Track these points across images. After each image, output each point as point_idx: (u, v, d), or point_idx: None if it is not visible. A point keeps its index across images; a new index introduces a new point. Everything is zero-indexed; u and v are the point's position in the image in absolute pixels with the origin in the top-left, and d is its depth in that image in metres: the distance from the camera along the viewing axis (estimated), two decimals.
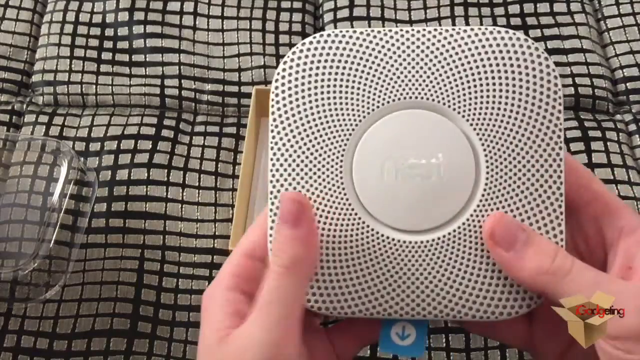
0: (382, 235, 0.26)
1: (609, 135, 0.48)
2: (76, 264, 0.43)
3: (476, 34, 0.27)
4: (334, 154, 0.27)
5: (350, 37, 0.27)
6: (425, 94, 0.27)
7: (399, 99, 0.27)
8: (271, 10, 0.54)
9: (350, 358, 0.29)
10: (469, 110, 0.26)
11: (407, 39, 0.27)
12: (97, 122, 0.49)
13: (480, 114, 0.26)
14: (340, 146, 0.27)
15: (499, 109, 0.26)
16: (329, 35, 0.27)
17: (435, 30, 0.27)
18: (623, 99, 0.51)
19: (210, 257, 0.44)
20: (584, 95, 0.50)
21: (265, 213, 0.27)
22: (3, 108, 0.50)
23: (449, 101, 0.26)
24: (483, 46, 0.27)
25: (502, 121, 0.26)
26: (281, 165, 0.27)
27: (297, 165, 0.27)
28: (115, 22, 0.53)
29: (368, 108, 0.27)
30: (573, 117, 0.49)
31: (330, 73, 0.27)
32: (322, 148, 0.27)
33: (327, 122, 0.27)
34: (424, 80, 0.27)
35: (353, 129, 0.27)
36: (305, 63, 0.27)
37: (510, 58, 0.26)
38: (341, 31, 0.27)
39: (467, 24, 0.53)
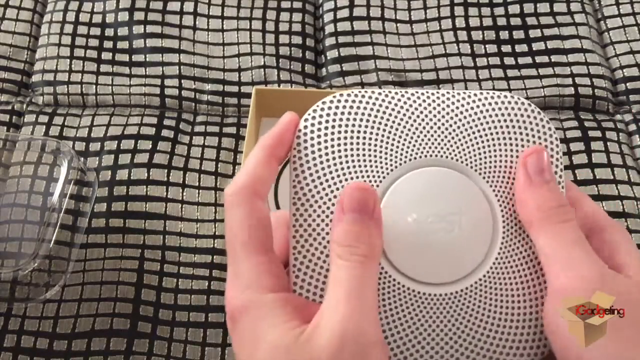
0: (404, 287, 0.27)
1: (609, 135, 0.48)
2: (76, 264, 0.43)
3: (486, 98, 0.29)
4: None
5: (370, 97, 0.28)
6: (444, 152, 0.28)
7: (420, 156, 0.28)
8: (271, 10, 0.54)
9: None
10: (484, 167, 0.28)
11: (424, 101, 0.28)
12: (97, 122, 0.49)
13: (493, 171, 0.28)
14: None
15: (509, 168, 0.28)
16: (349, 95, 0.28)
17: (449, 93, 0.29)
18: (623, 99, 0.51)
19: (210, 257, 0.44)
20: (584, 95, 0.50)
21: (253, 192, 0.26)
22: (3, 108, 0.50)
23: (466, 159, 0.28)
24: (493, 109, 0.29)
25: (512, 179, 0.28)
26: (305, 220, 0.27)
27: (322, 220, 0.27)
28: (115, 22, 0.53)
29: (391, 165, 0.28)
30: (573, 117, 0.49)
31: (352, 130, 0.28)
32: None
33: (351, 177, 0.27)
34: (442, 140, 0.28)
35: (377, 185, 0.27)
36: (327, 120, 0.28)
37: (517, 121, 0.29)
38: (360, 91, 0.28)
39: (467, 24, 0.53)
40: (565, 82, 0.50)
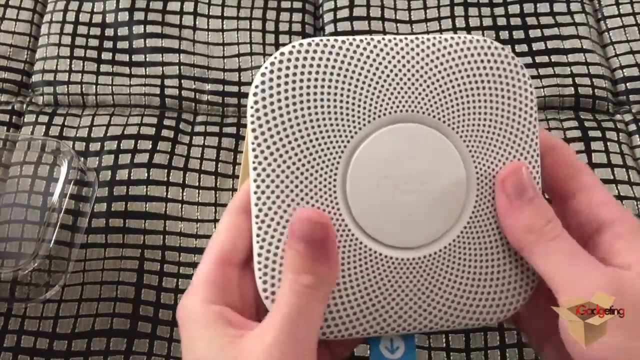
0: (376, 253, 0.26)
1: (609, 135, 0.48)
2: (76, 264, 0.43)
3: (457, 43, 0.26)
4: (325, 171, 0.26)
5: (333, 46, 0.26)
6: (416, 107, 0.26)
7: (389, 112, 0.26)
8: (271, 10, 0.54)
9: (345, 357, 0.30)
10: (458, 122, 0.26)
11: (391, 49, 0.26)
12: (97, 122, 0.49)
13: (467, 125, 0.26)
14: (332, 163, 0.26)
15: (484, 120, 0.27)
16: (309, 44, 0.26)
17: (417, 39, 0.26)
18: (623, 99, 0.51)
19: None
20: (584, 95, 0.50)
21: (233, 212, 0.27)
22: (3, 108, 0.50)
23: (437, 113, 0.26)
24: (465, 56, 0.26)
25: (487, 132, 0.27)
26: (267, 186, 0.25)
27: (287, 187, 0.25)
28: (115, 22, 0.53)
29: (359, 123, 0.26)
30: (573, 117, 0.49)
31: (317, 85, 0.25)
32: (312, 165, 0.25)
33: (316, 138, 0.25)
34: (413, 93, 0.26)
35: (345, 145, 0.26)
36: (287, 75, 0.26)
37: (491, 68, 0.27)
38: (322, 40, 0.26)
39: (467, 24, 0.53)
40: (565, 82, 0.50)
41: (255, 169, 0.25)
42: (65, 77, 0.51)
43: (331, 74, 0.25)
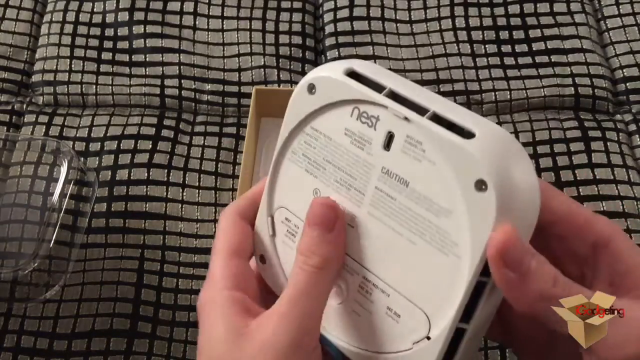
0: None
1: (609, 135, 0.48)
2: (76, 264, 0.43)
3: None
4: None
5: None
6: None
7: None
8: (271, 10, 0.54)
9: None
10: None
11: None
12: (97, 122, 0.49)
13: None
14: None
15: None
16: None
17: None
18: (623, 99, 0.51)
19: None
20: (584, 95, 0.50)
21: (232, 215, 0.29)
22: (3, 108, 0.50)
23: None
24: None
25: None
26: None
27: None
28: (115, 22, 0.53)
29: None
30: (573, 117, 0.49)
31: None
32: None
33: None
34: None
35: None
36: None
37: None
38: None
39: (467, 24, 0.53)
40: (565, 82, 0.50)
41: None
42: (65, 77, 0.51)
43: None
